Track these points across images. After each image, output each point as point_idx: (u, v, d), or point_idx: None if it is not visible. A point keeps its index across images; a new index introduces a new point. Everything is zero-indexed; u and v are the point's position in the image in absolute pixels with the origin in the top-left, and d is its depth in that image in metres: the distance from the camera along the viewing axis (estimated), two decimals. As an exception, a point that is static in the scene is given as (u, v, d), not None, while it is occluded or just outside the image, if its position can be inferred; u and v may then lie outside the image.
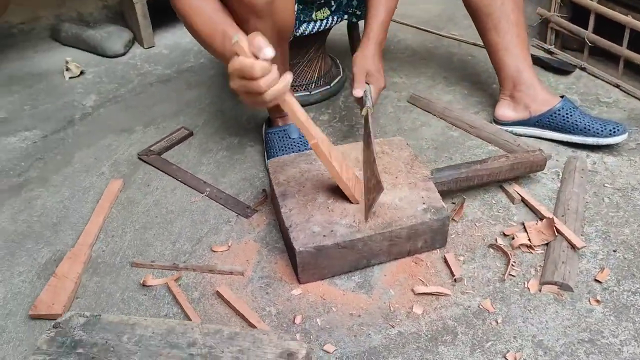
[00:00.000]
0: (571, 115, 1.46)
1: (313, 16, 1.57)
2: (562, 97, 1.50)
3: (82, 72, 2.03)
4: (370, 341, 1.05)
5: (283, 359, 0.78)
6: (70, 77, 2.00)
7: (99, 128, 1.72)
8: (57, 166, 1.56)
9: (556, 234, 1.20)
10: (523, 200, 1.33)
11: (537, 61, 1.86)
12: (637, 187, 1.36)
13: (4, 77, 2.03)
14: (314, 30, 1.59)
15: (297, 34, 1.56)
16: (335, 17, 1.62)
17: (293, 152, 1.45)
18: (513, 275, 1.16)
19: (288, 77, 0.98)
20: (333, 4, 1.58)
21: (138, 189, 1.46)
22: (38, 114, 1.82)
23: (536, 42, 1.98)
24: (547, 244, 1.21)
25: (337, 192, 1.21)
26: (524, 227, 1.26)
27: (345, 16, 1.64)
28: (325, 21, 1.60)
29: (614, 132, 1.42)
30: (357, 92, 1.39)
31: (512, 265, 1.17)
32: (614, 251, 1.20)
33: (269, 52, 0.92)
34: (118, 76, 2.01)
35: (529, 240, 1.22)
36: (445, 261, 1.20)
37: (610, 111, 1.63)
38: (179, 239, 1.30)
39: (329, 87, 1.79)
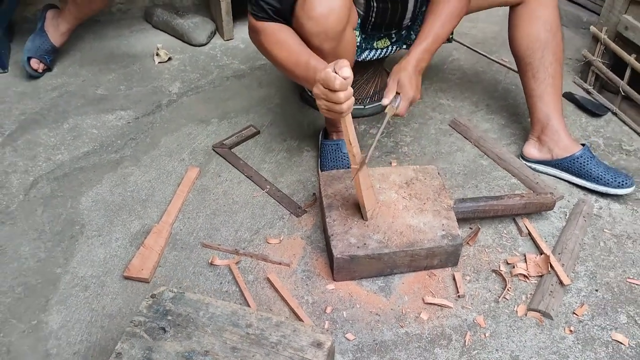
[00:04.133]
0: (588, 164, 1.67)
1: (374, 45, 1.81)
2: (583, 145, 1.71)
3: (169, 59, 2.33)
4: (382, 336, 1.34)
5: (314, 346, 1.07)
6: (159, 62, 2.31)
7: (181, 116, 2.03)
8: (147, 148, 1.88)
9: (549, 270, 1.45)
10: (529, 234, 1.57)
11: (574, 100, 2.06)
12: (632, 235, 1.58)
13: (105, 54, 2.35)
14: (374, 57, 1.83)
15: (359, 60, 1.80)
16: (394, 47, 1.85)
17: (343, 163, 1.72)
18: (507, 299, 1.42)
19: (353, 99, 1.25)
20: (394, 36, 1.82)
21: (211, 178, 1.76)
22: (132, 95, 2.13)
23: (578, 81, 2.16)
24: (540, 276, 1.46)
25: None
26: (525, 259, 1.51)
27: (404, 46, 1.87)
28: (385, 50, 1.83)
29: (623, 184, 1.63)
30: (384, 101, 1.52)
31: (508, 290, 1.43)
32: (596, 290, 1.43)
33: (346, 72, 1.18)
34: (200, 66, 2.30)
35: (527, 270, 1.47)
36: (454, 279, 1.46)
37: (629, 160, 1.83)
38: (241, 228, 1.60)
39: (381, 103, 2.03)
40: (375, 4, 1.57)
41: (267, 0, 1.40)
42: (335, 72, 1.19)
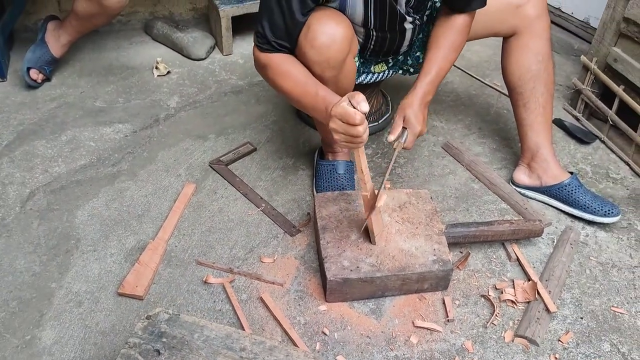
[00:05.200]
0: (575, 192, 1.71)
1: (372, 69, 1.84)
2: (571, 173, 1.75)
3: (168, 72, 2.35)
4: (372, 359, 1.36)
5: (306, 371, 1.10)
6: (158, 75, 2.33)
7: (179, 130, 2.05)
8: (144, 162, 1.90)
9: (536, 296, 1.48)
10: (518, 259, 1.61)
11: (563, 127, 2.11)
12: (617, 264, 1.62)
13: (104, 66, 2.37)
14: (372, 81, 1.86)
15: (356, 82, 1.84)
16: (391, 71, 1.88)
17: (338, 184, 1.75)
18: (494, 324, 1.45)
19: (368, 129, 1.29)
20: (391, 61, 1.85)
21: (207, 195, 1.79)
22: (130, 108, 2.15)
23: (567, 107, 2.21)
24: (528, 302, 1.49)
25: (366, 233, 1.51)
26: (513, 284, 1.54)
27: (400, 71, 1.91)
28: (382, 74, 1.87)
29: (609, 213, 1.67)
30: (389, 138, 1.52)
31: (496, 315, 1.46)
32: (581, 318, 1.47)
33: (365, 107, 1.22)
34: (198, 81, 2.33)
35: (515, 296, 1.50)
36: (444, 303, 1.49)
37: (615, 188, 1.87)
38: (236, 246, 1.63)
39: (377, 123, 2.07)
40: (374, 34, 1.60)
41: (280, 42, 1.44)
42: (353, 106, 1.22)
